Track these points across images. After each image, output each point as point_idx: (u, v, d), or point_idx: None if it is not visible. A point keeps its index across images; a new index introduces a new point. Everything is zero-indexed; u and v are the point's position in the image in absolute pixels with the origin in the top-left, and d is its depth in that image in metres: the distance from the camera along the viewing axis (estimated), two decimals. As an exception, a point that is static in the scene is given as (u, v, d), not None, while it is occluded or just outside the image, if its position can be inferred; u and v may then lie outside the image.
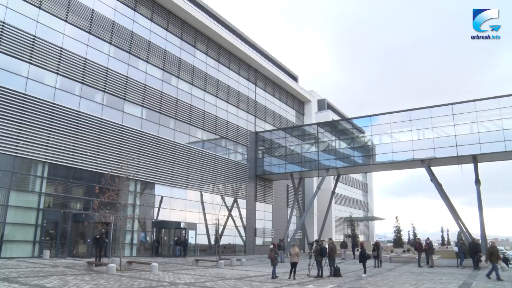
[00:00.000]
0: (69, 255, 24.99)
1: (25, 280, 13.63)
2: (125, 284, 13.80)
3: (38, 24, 25.01)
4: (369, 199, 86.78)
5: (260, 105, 47.98)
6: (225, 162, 40.33)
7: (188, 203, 35.06)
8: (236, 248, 40.42)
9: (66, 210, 25.60)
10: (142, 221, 31.12)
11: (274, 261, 19.14)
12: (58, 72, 25.81)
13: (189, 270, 20.90)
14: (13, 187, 22.80)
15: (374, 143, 38.80)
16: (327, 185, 48.94)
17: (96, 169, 27.04)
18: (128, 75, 30.66)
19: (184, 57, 36.68)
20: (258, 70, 47.86)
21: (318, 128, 43.27)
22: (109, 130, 28.51)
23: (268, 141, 46.38)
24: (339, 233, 65.28)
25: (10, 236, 22.55)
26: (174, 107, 34.58)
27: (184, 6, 35.43)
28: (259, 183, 45.47)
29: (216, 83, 40.58)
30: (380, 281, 17.86)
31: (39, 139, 24.05)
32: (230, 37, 41.62)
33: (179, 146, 34.38)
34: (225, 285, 15.29)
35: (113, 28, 30.09)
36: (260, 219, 44.72)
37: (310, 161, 42.35)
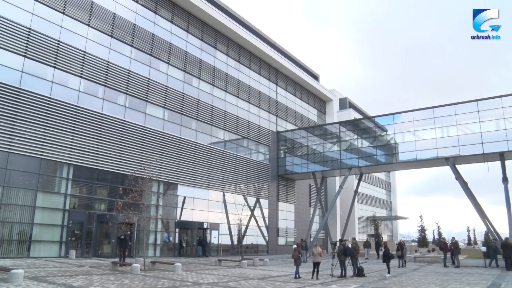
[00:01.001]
0: (94, 255, 25.41)
1: (52, 279, 13.90)
2: (149, 284, 13.92)
3: (62, 29, 25.54)
4: (392, 198, 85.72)
5: (282, 105, 47.88)
6: (247, 162, 40.38)
7: (210, 203, 35.21)
8: (258, 248, 40.43)
9: (91, 211, 26.05)
10: (165, 221, 31.39)
11: (298, 261, 19.05)
12: (81, 75, 26.29)
13: (212, 270, 20.97)
14: (40, 188, 23.33)
15: (397, 141, 38.26)
16: (349, 184, 48.55)
17: (119, 171, 27.41)
18: (149, 77, 30.99)
19: (204, 58, 36.88)
20: (279, 69, 47.78)
21: (340, 127, 42.94)
22: (132, 131, 28.86)
23: (290, 140, 46.26)
24: (362, 232, 64.68)
25: (38, 237, 23.08)
26: (195, 108, 34.79)
27: (204, 8, 35.62)
28: (281, 183, 45.38)
29: (237, 83, 40.67)
30: (404, 281, 17.58)
31: (63, 141, 24.52)
32: (250, 37, 41.66)
33: (201, 147, 34.58)
34: (248, 285, 15.28)
35: (135, 30, 30.46)
36: (282, 219, 44.63)
37: (332, 160, 42.05)
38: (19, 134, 22.37)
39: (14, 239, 22.05)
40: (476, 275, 20.82)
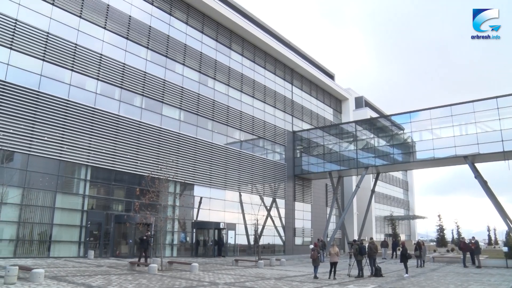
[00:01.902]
0: (112, 255, 25.68)
1: (72, 279, 14.10)
2: (166, 284, 14.02)
3: (79, 33, 25.91)
4: (410, 197, 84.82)
5: (297, 104, 47.76)
6: (263, 162, 40.38)
7: (227, 203, 35.29)
8: (275, 248, 40.38)
9: (109, 211, 26.34)
10: (182, 221, 31.55)
11: (317, 261, 18.96)
12: (98, 77, 26.61)
13: (229, 270, 21.02)
14: (59, 189, 23.71)
15: (414, 140, 37.83)
16: (366, 183, 48.20)
17: (136, 171, 27.65)
18: (165, 78, 31.21)
19: (220, 58, 37.00)
20: (294, 69, 47.67)
21: (356, 126, 42.64)
22: (148, 133, 29.09)
23: (306, 140, 46.12)
24: (379, 232, 64.14)
25: (57, 237, 23.45)
26: (211, 108, 34.92)
27: (219, 8, 35.73)
28: (297, 183, 45.27)
29: (252, 83, 40.70)
30: (423, 282, 17.39)
31: (81, 143, 24.86)
32: (265, 37, 41.64)
33: (217, 147, 34.69)
34: (265, 285, 15.28)
35: (150, 32, 30.71)
36: (299, 219, 44.50)
37: (348, 159, 41.81)
38: (38, 136, 22.76)
39: (34, 239, 22.45)
40: (497, 276, 20.47)
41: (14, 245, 21.51)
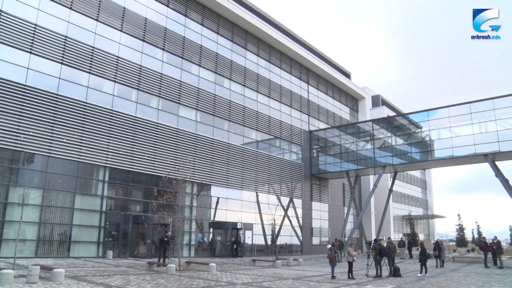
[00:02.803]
0: (131, 255, 25.92)
1: (91, 278, 14.29)
2: (184, 284, 14.09)
3: (96, 36, 26.25)
4: (428, 197, 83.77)
5: (313, 104, 47.59)
6: (279, 162, 40.32)
7: (244, 203, 35.33)
8: (292, 248, 40.29)
9: (127, 212, 26.59)
10: (199, 222, 31.70)
11: (334, 261, 18.86)
12: (115, 80, 26.90)
13: (246, 270, 21.03)
14: (78, 191, 24.06)
15: (432, 138, 37.34)
16: (384, 182, 47.73)
17: (154, 172, 27.86)
18: (181, 80, 31.39)
19: (235, 59, 37.07)
20: (310, 68, 47.51)
21: (373, 125, 42.30)
22: (165, 134, 29.29)
23: (323, 139, 45.91)
24: (397, 231, 63.48)
25: (77, 237, 23.80)
26: (227, 109, 35.00)
27: (234, 9, 35.80)
28: (314, 182, 45.10)
29: (268, 83, 40.68)
30: (442, 282, 17.13)
31: (99, 144, 25.18)
32: (281, 37, 41.59)
33: (233, 148, 34.75)
34: (282, 285, 15.24)
35: (166, 34, 30.92)
36: (316, 219, 44.33)
37: (365, 158, 41.49)
38: (57, 138, 23.12)
39: (55, 240, 22.81)
40: (520, 276, 20.07)
41: (35, 245, 21.91)
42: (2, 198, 21.07)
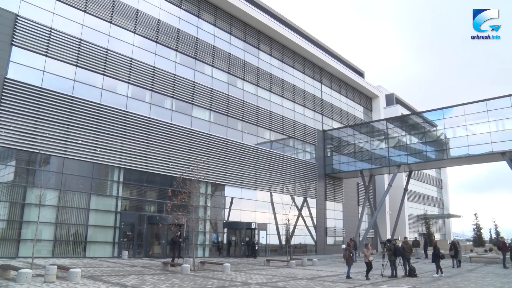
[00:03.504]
0: (145, 255, 26.10)
1: (107, 278, 14.41)
2: (199, 284, 14.12)
3: (110, 38, 26.52)
4: (444, 196, 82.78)
5: (327, 103, 47.41)
6: (293, 161, 40.24)
7: (258, 203, 35.33)
8: (307, 248, 40.18)
9: (141, 212, 26.79)
10: (214, 222, 31.78)
11: (350, 260, 18.73)
12: (129, 81, 27.13)
13: (261, 270, 21.00)
14: (93, 191, 24.31)
15: (448, 136, 36.90)
16: (398, 182, 47.38)
17: (168, 173, 28.01)
18: (195, 80, 31.51)
19: (248, 59, 37.10)
20: (323, 68, 47.33)
21: (387, 123, 41.97)
22: (179, 134, 29.43)
23: (336, 139, 45.70)
24: (413, 231, 62.85)
25: (92, 238, 24.05)
26: (241, 109, 35.05)
27: (246, 9, 35.82)
28: (328, 182, 44.92)
29: (281, 83, 40.63)
30: (459, 283, 16.88)
31: (114, 145, 25.41)
32: (293, 36, 41.51)
33: (247, 148, 34.78)
34: (297, 285, 15.19)
35: (179, 35, 31.07)
36: (330, 218, 44.15)
37: (380, 158, 41.19)
38: (73, 140, 23.40)
39: (71, 240, 23.09)
40: (539, 277, 19.70)
41: (52, 245, 22.21)
42: (20, 199, 21.43)
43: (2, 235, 20.59)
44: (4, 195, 21.06)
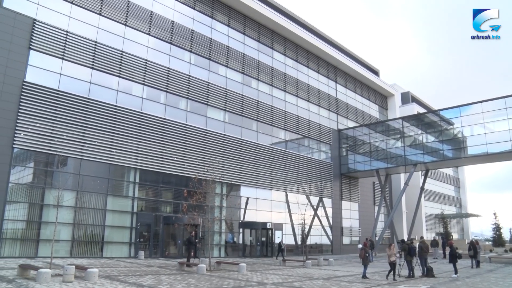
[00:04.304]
0: (162, 255, 26.26)
1: (124, 278, 14.56)
2: (214, 284, 14.17)
3: (125, 40, 26.76)
4: (462, 195, 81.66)
5: (342, 102, 47.15)
6: (308, 161, 40.10)
7: (273, 203, 35.29)
8: (323, 248, 40.01)
9: (157, 213, 26.96)
10: (229, 222, 31.85)
11: (365, 260, 18.59)
12: (144, 83, 27.33)
13: (277, 270, 20.99)
14: (109, 192, 24.58)
15: (465, 134, 36.38)
16: (415, 181, 46.91)
17: (183, 173, 28.15)
18: (209, 81, 31.61)
19: (262, 59, 37.09)
20: (338, 66, 47.09)
21: (403, 122, 41.56)
22: (194, 135, 29.55)
23: (352, 138, 45.42)
24: (430, 231, 62.17)
25: (109, 238, 24.30)
26: (255, 109, 35.05)
27: (260, 9, 35.81)
28: (344, 181, 44.67)
29: (295, 82, 40.53)
30: (479, 283, 16.63)
31: (130, 147, 25.64)
32: (307, 35, 41.37)
33: (262, 148, 34.77)
34: (313, 285, 15.14)
35: (193, 36, 31.21)
36: (346, 218, 43.90)
37: (396, 156, 40.81)
38: (89, 141, 23.68)
39: (88, 240, 23.36)
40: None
41: (70, 246, 22.50)
42: (39, 200, 21.78)
43: (22, 235, 20.97)
44: (23, 196, 21.43)
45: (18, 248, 20.72)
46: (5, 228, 20.32)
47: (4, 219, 20.21)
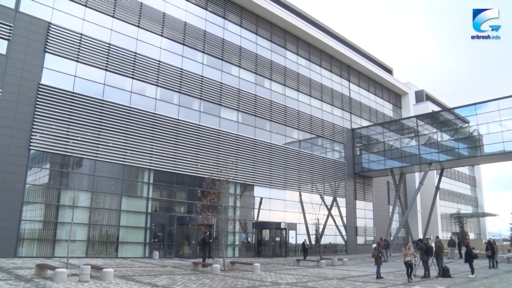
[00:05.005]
0: (176, 255, 26.38)
1: (139, 278, 14.67)
2: (229, 284, 14.20)
3: (138, 42, 26.97)
4: (478, 194, 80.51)
5: (355, 101, 46.90)
6: (322, 161, 39.96)
7: (287, 203, 35.24)
8: (337, 248, 39.83)
9: (171, 213, 27.11)
10: (243, 222, 31.88)
11: (378, 260, 18.46)
12: (157, 84, 27.51)
13: (291, 270, 20.96)
14: (124, 193, 24.79)
15: (481, 133, 35.89)
16: (430, 180, 46.43)
17: (197, 174, 28.26)
18: (222, 81, 31.69)
19: (275, 59, 37.06)
20: (351, 65, 46.84)
21: (417, 121, 41.16)
22: (207, 135, 29.65)
23: (366, 137, 45.14)
24: (445, 230, 61.45)
25: (124, 238, 24.51)
26: (268, 109, 35.04)
27: (272, 9, 35.78)
28: (358, 181, 44.43)
29: (308, 82, 40.42)
30: (497, 284, 16.38)
31: (143, 147, 25.81)
32: (320, 35, 41.22)
33: (275, 147, 34.74)
34: (327, 285, 15.09)
35: (205, 37, 31.31)
36: (360, 218, 43.64)
37: (410, 155, 40.44)
38: (104, 142, 23.91)
39: (103, 241, 23.59)
40: None
41: (86, 246, 22.77)
42: (55, 201, 22.06)
43: (39, 235, 21.28)
44: (40, 197, 21.73)
45: (36, 248, 21.03)
46: (23, 229, 20.64)
47: (22, 219, 20.53)
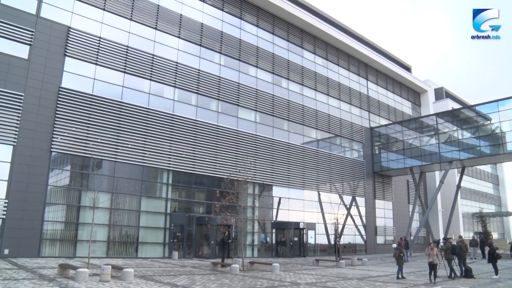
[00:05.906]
0: (195, 256, 26.53)
1: (159, 278, 14.78)
2: (248, 284, 14.21)
3: (156, 44, 27.22)
4: (501, 192, 78.88)
5: (373, 100, 46.49)
6: (341, 160, 39.70)
7: (306, 203, 35.11)
8: (356, 248, 39.51)
9: (190, 213, 27.28)
10: (262, 222, 31.88)
11: (400, 260, 18.21)
12: (175, 85, 27.70)
13: (310, 270, 20.88)
14: (143, 194, 25.03)
15: (504, 130, 35.15)
16: (451, 178, 45.70)
17: (215, 174, 28.35)
18: (239, 82, 31.75)
19: (292, 58, 36.97)
20: (368, 64, 46.44)
21: (437, 118, 40.56)
22: (225, 135, 29.73)
23: (384, 136, 44.69)
24: (467, 230, 60.41)
25: (144, 238, 24.74)
26: (286, 108, 34.96)
27: (289, 9, 35.70)
28: (377, 180, 44.01)
29: (326, 81, 40.22)
30: (522, 284, 16.07)
31: (162, 148, 26.02)
32: (337, 33, 40.96)
33: (293, 147, 34.65)
34: (346, 285, 14.99)
35: (222, 38, 31.41)
36: (380, 217, 43.22)
37: (430, 154, 39.85)
38: (123, 144, 24.18)
39: (123, 241, 23.85)
40: None
41: (106, 246, 23.05)
42: (76, 202, 22.41)
43: (61, 236, 21.65)
44: (61, 198, 22.10)
45: (58, 248, 21.41)
46: (45, 229, 21.04)
47: (44, 220, 20.92)
